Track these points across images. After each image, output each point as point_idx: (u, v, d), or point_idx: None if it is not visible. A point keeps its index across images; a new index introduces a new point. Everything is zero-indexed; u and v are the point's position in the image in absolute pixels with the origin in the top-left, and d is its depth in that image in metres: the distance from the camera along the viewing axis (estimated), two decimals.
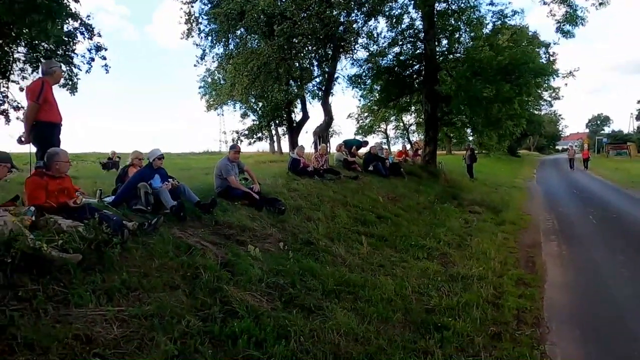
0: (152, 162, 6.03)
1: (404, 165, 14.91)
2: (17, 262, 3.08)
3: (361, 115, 40.28)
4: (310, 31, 12.14)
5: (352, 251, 6.01)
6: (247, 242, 5.29)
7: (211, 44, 15.51)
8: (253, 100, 23.25)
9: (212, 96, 35.89)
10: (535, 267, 6.44)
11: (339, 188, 9.28)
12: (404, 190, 11.15)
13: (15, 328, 2.59)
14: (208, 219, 5.63)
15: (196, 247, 4.66)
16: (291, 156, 10.39)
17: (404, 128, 42.40)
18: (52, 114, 5.26)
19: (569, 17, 14.29)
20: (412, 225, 8.06)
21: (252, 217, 6.14)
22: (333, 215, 7.39)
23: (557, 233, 8.89)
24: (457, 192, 13.64)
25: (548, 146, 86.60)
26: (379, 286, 4.75)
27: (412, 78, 17.81)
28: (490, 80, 13.46)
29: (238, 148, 7.26)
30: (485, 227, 9.03)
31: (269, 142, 35.28)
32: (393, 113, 24.54)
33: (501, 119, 14.96)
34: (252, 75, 13.63)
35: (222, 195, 6.82)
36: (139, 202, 5.53)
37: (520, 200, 14.35)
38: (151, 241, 4.40)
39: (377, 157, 13.15)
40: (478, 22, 16.69)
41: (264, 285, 4.23)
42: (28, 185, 4.37)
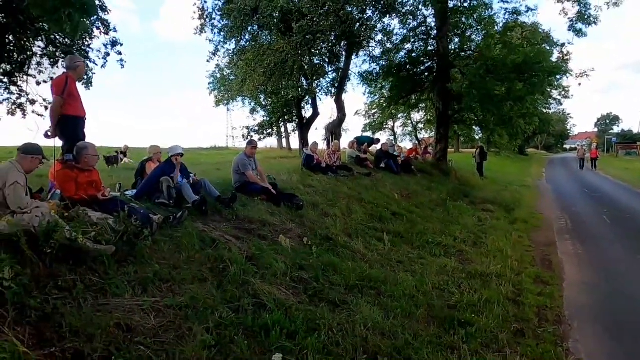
0: (172, 158, 6.10)
1: (415, 162, 14.92)
2: (55, 252, 3.17)
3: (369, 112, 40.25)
4: (328, 28, 12.15)
5: (370, 247, 6.06)
6: (268, 236, 5.36)
7: (223, 40, 15.55)
8: (263, 97, 23.32)
9: (221, 92, 36.04)
10: (552, 266, 6.45)
11: (353, 185, 9.33)
12: (416, 188, 11.17)
13: (60, 316, 2.67)
14: (229, 214, 5.70)
15: (220, 240, 4.73)
16: (305, 152, 10.44)
17: (412, 126, 42.23)
18: (77, 108, 5.33)
19: (582, 16, 14.20)
20: (427, 223, 8.09)
21: (271, 212, 6.20)
22: (349, 211, 7.44)
23: (571, 232, 8.88)
24: (468, 190, 13.64)
25: (556, 145, 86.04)
26: (400, 282, 4.80)
27: (424, 75, 17.76)
28: (503, 79, 13.41)
29: (255, 143, 7.32)
30: (499, 225, 9.04)
31: (277, 138, 35.37)
32: (403, 110, 24.47)
33: (513, 118, 14.92)
34: (268, 72, 13.66)
35: (240, 190, 6.89)
36: (162, 196, 5.61)
37: (531, 199, 14.31)
38: (177, 234, 4.48)
39: (389, 155, 13.17)
40: (490, 20, 16.64)
41: (289, 279, 4.30)
42: (59, 177, 4.46)
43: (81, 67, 5.63)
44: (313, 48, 13.46)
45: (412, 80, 17.66)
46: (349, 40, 14.01)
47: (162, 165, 6.21)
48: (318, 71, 15.41)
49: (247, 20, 13.85)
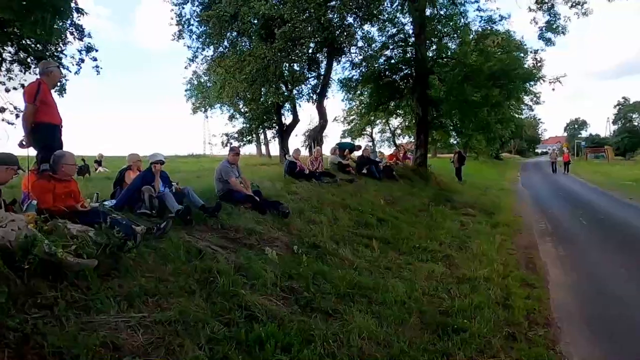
0: (152, 166, 5.92)
1: (396, 168, 15.02)
2: (34, 268, 2.99)
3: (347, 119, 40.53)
4: (310, 34, 12.15)
5: (358, 254, 6.01)
6: (255, 245, 5.25)
7: (202, 46, 15.37)
8: (242, 104, 23.14)
9: (199, 99, 35.67)
10: (536, 269, 6.54)
11: (337, 191, 9.29)
12: (399, 193, 11.23)
13: (41, 336, 2.50)
14: (214, 223, 5.56)
15: (206, 251, 4.59)
16: (287, 159, 10.35)
17: (390, 131, 42.73)
18: (51, 115, 5.11)
19: (550, 26, 14.68)
20: (412, 228, 8.11)
21: (257, 221, 6.08)
22: (335, 218, 7.38)
23: (551, 234, 9.06)
24: (449, 194, 13.81)
25: (528, 149, 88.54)
26: (390, 289, 4.75)
27: (402, 82, 17.97)
28: (480, 85, 13.69)
29: (238, 150, 7.20)
30: (481, 229, 9.14)
31: (256, 145, 35.13)
32: (381, 117, 24.71)
33: (490, 123, 15.24)
34: (249, 79, 13.53)
35: (224, 199, 6.74)
36: (143, 206, 5.43)
37: (509, 203, 14.60)
38: (162, 246, 4.32)
39: (371, 160, 13.22)
40: (466, 28, 17.03)
41: (279, 289, 4.20)
42: (35, 188, 4.24)
43: (55, 72, 5.41)
44: (294, 54, 13.44)
45: (391, 87, 17.85)
46: (330, 46, 14.06)
47: (142, 173, 6.02)
48: (298, 78, 15.39)
49: (226, 26, 13.72)
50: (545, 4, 14.15)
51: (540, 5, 14.25)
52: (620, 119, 67.10)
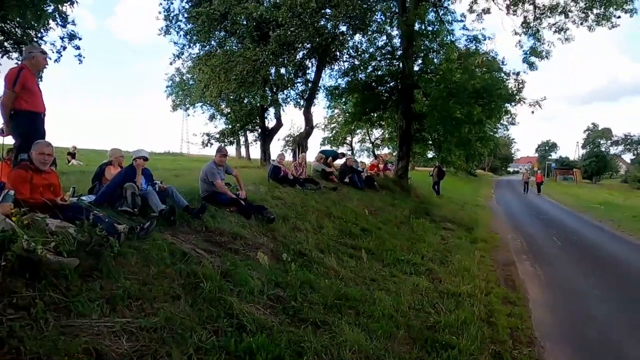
0: (134, 162, 5.71)
1: (377, 178, 15.07)
2: (10, 265, 2.78)
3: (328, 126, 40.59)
4: (305, 39, 12.10)
5: (343, 264, 5.94)
6: (240, 250, 5.11)
7: (188, 44, 15.10)
8: (224, 104, 22.85)
9: (180, 96, 35.03)
10: (515, 286, 6.64)
11: (321, 199, 9.21)
12: (380, 204, 11.25)
13: (17, 340, 2.32)
14: (198, 225, 5.38)
15: (191, 254, 4.42)
16: (272, 163, 10.22)
17: (370, 142, 43.02)
18: (33, 102, 4.86)
19: (534, 50, 15.17)
20: (394, 240, 8.10)
21: (242, 225, 5.93)
22: (319, 226, 7.30)
23: (527, 253, 9.25)
24: (428, 208, 13.96)
25: (501, 167, 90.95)
26: (377, 302, 4.70)
27: (387, 94, 18.14)
28: (463, 102, 13.95)
29: (225, 151, 7.03)
30: (461, 244, 9.24)
31: (235, 147, 34.75)
32: (364, 127, 24.87)
33: (471, 140, 15.54)
34: (239, 80, 13.31)
35: (208, 200, 6.56)
36: (125, 204, 5.20)
37: (486, 219, 14.88)
38: (145, 246, 4.13)
39: (353, 170, 13.22)
40: (451, 45, 17.41)
41: (266, 297, 4.08)
42: (11, 178, 3.99)
43: (38, 58, 5.13)
44: (286, 58, 13.35)
45: (376, 98, 17.99)
46: (322, 54, 14.06)
47: (125, 169, 5.78)
48: (286, 82, 15.29)
49: (215, 25, 13.53)
50: (531, 28, 14.62)
51: (526, 30, 14.71)
52: (589, 144, 69.92)
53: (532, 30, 14.86)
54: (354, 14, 13.05)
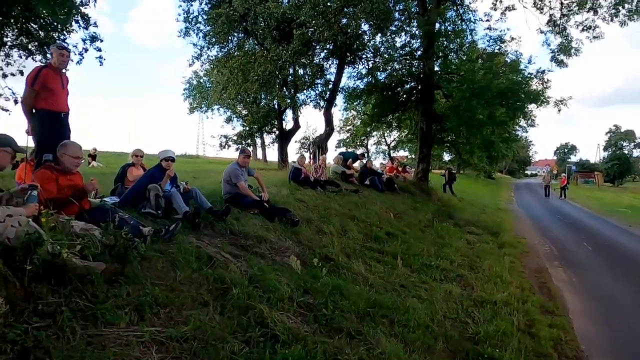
0: (162, 163, 5.59)
1: (396, 181, 14.78)
2: (36, 269, 2.64)
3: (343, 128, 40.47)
4: (330, 37, 11.88)
5: (370, 269, 5.71)
6: (266, 254, 4.93)
7: (207, 45, 15.07)
8: (241, 106, 22.84)
9: (197, 99, 35.26)
10: (551, 294, 6.31)
11: (343, 201, 9.00)
12: (402, 207, 10.97)
13: (43, 351, 2.16)
14: (222, 228, 5.22)
15: (217, 258, 4.25)
16: (293, 165, 10.05)
17: (386, 144, 42.68)
18: (52, 102, 4.75)
19: (564, 48, 14.69)
20: (420, 244, 7.83)
21: (266, 228, 5.76)
22: (344, 229, 7.09)
23: (558, 258, 8.88)
24: (450, 211, 13.61)
25: (518, 170, 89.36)
26: (411, 310, 4.45)
27: (406, 95, 17.84)
28: (487, 103, 13.58)
29: (248, 152, 6.88)
30: (488, 249, 8.92)
31: (251, 149, 34.73)
32: (383, 129, 24.59)
33: (495, 142, 15.13)
34: (261, 80, 13.17)
35: (231, 202, 6.42)
36: (148, 205, 5.08)
37: (509, 223, 14.44)
38: (170, 250, 3.98)
39: (374, 172, 12.99)
40: (472, 45, 17.06)
41: (296, 305, 3.87)
42: (37, 177, 3.87)
43: (55, 55, 4.96)
44: (306, 58, 13.18)
45: (395, 99, 17.70)
46: (343, 53, 13.84)
47: (151, 170, 5.66)
48: (306, 83, 15.11)
49: (235, 26, 13.46)
50: (557, 26, 14.18)
51: (553, 28, 14.27)
52: (611, 146, 68.17)
53: (558, 28, 14.43)
54: (376, 12, 12.82)
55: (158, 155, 5.76)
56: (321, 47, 13.02)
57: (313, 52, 13.21)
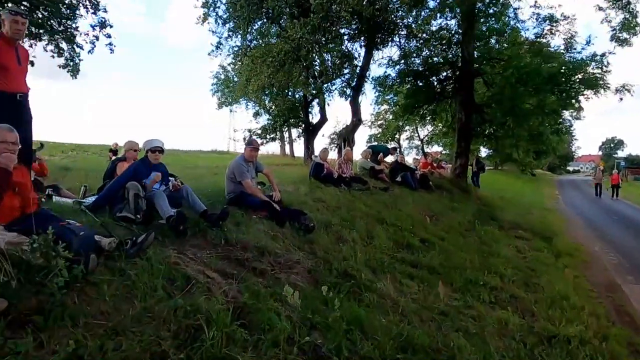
0: (147, 156, 4.66)
1: (431, 178, 13.43)
2: None
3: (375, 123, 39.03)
4: (354, 6, 10.47)
5: (401, 288, 4.58)
6: (267, 271, 3.88)
7: (228, 32, 14.20)
8: (267, 99, 21.99)
9: (225, 94, 34.81)
10: (635, 323, 4.95)
11: (371, 201, 7.85)
12: (439, 207, 9.68)
13: None
14: (216, 235, 4.21)
15: (198, 279, 3.24)
16: (314, 160, 8.97)
17: (419, 139, 40.96)
18: (5, 81, 3.79)
19: (627, 24, 12.82)
20: (461, 253, 6.59)
21: (273, 235, 4.72)
22: (370, 235, 5.96)
23: (631, 271, 7.41)
24: (493, 211, 12.15)
25: (560, 166, 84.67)
26: (456, 352, 3.29)
27: (442, 84, 16.38)
28: (537, 90, 11.99)
29: (256, 144, 5.83)
30: (543, 258, 7.55)
31: (279, 144, 33.95)
32: (417, 121, 23.11)
33: (544, 133, 13.49)
34: (277, 63, 12.09)
35: (235, 203, 5.42)
36: (126, 208, 4.13)
37: (560, 225, 12.82)
38: (133, 270, 2.99)
39: (406, 167, 11.74)
40: (516, 29, 15.38)
41: (296, 350, 2.80)
42: None
43: (8, 23, 3.88)
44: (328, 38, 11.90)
45: (429, 89, 16.27)
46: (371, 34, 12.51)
47: (135, 164, 4.74)
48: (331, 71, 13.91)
49: (255, 10, 12.46)
50: (620, 1, 12.37)
51: (614, 2, 12.46)
52: None
53: (621, 2, 12.58)
54: None
55: (143, 146, 4.83)
56: (345, 21, 11.65)
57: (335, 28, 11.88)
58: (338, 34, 12.69)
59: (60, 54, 11.44)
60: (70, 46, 11.47)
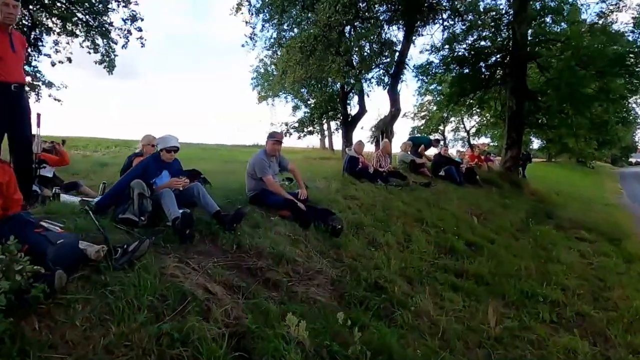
0: (160, 154, 4.24)
1: (478, 171, 12.37)
2: None
3: (417, 115, 37.66)
4: None
5: (442, 303, 3.89)
6: (282, 283, 3.35)
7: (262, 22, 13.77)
8: (304, 91, 21.51)
9: (264, 87, 34.74)
10: None
11: (410, 198, 7.13)
12: (487, 204, 8.75)
13: None
14: (227, 240, 3.72)
15: (196, 295, 2.75)
16: (347, 153, 8.34)
17: (465, 130, 39.06)
18: None
19: None
20: (514, 258, 5.76)
21: (294, 239, 4.18)
22: (407, 238, 5.29)
23: None
24: (549, 208, 10.97)
25: (621, 158, 78.49)
26: None
27: (491, 71, 15.13)
28: (601, 73, 10.64)
29: (279, 136, 5.26)
30: (612, 265, 6.52)
31: (320, 137, 33.45)
32: (463, 111, 21.79)
33: (608, 122, 12.05)
34: (307, 48, 11.45)
35: (255, 202, 4.94)
36: (129, 209, 3.73)
37: (628, 224, 11.41)
38: (117, 286, 2.54)
39: (450, 160, 10.81)
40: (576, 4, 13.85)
41: None
42: None
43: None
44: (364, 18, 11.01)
45: (477, 76, 15.09)
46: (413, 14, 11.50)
47: (146, 161, 4.34)
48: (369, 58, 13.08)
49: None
50: None
51: None
52: None
53: None
54: None
55: (157, 144, 4.42)
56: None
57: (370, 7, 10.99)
58: (373, 16, 11.83)
59: (96, 50, 11.55)
60: (106, 42, 11.53)
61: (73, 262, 2.62)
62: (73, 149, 16.53)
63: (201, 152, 22.58)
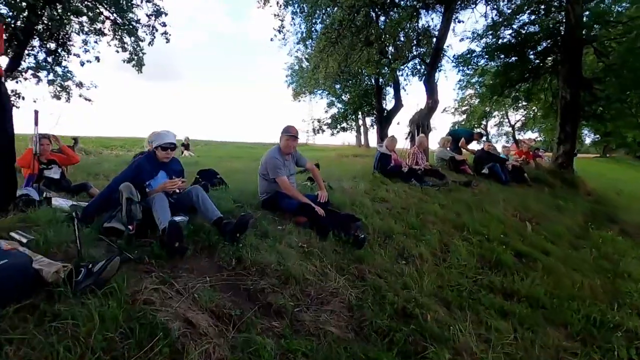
0: (156, 152, 3.75)
1: (526, 169, 11.23)
2: None
3: (458, 109, 36.18)
4: None
5: (488, 335, 3.14)
6: (287, 309, 2.74)
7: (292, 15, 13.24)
8: (338, 87, 20.87)
9: (299, 84, 34.40)
10: None
11: (448, 200, 6.34)
12: (539, 207, 7.75)
13: None
14: (226, 253, 3.16)
15: (170, 329, 2.19)
16: (379, 150, 7.62)
17: (510, 125, 37.08)
18: None
19: None
20: (575, 273, 4.86)
21: (306, 252, 3.56)
22: (444, 249, 4.54)
23: None
24: (610, 210, 9.74)
25: None
26: None
27: (540, 58, 13.83)
28: None
29: (294, 132, 4.63)
30: None
31: (355, 133, 32.65)
32: (504, 105, 20.36)
33: None
34: (332, 35, 10.73)
35: (268, 206, 4.37)
36: (116, 217, 3.25)
37: None
38: (70, 319, 2.03)
39: (493, 156, 9.83)
40: None
41: None
42: None
43: None
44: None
45: (524, 64, 13.82)
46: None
47: (138, 161, 3.85)
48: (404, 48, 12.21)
49: None
50: None
51: None
52: None
53: None
54: None
55: (151, 140, 3.95)
56: None
57: None
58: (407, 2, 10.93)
59: (124, 48, 11.47)
60: (134, 40, 11.40)
61: (21, 286, 2.15)
62: (108, 149, 16.74)
63: (235, 150, 22.46)
